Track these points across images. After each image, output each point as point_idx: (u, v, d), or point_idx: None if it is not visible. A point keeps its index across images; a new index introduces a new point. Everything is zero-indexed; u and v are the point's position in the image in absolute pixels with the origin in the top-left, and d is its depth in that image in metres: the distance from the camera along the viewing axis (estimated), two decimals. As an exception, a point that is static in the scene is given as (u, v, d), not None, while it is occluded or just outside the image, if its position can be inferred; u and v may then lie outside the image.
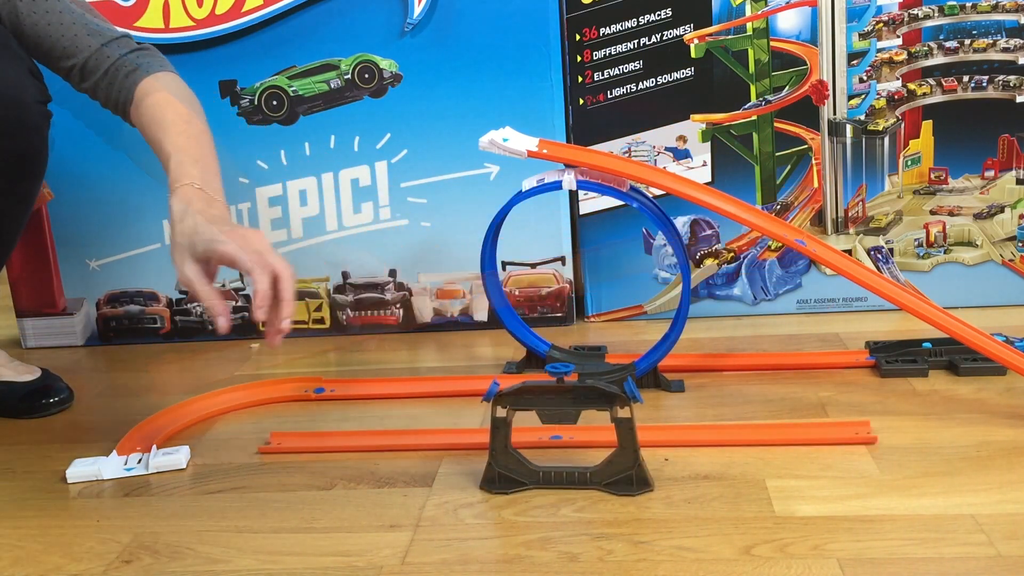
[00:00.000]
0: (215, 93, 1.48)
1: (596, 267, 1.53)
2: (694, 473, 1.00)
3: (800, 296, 1.51)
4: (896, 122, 1.45)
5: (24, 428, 1.26)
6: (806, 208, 1.49)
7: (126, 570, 0.89)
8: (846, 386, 1.22)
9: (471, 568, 0.86)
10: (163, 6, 1.44)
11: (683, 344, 1.28)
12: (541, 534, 0.90)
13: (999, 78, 1.42)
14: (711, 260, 1.51)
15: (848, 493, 0.94)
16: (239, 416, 1.25)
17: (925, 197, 1.48)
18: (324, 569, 0.87)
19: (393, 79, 1.47)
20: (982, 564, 0.82)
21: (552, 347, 1.32)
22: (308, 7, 1.45)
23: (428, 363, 1.42)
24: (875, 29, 1.42)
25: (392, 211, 1.52)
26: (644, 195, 1.24)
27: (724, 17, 1.43)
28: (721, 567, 0.84)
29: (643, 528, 0.90)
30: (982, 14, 1.41)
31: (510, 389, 0.97)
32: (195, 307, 1.57)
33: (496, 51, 1.44)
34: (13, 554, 0.93)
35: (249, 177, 1.51)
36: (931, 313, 1.12)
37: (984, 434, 1.05)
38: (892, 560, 0.83)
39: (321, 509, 0.98)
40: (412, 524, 0.94)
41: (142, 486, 1.06)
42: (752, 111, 1.46)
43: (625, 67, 1.45)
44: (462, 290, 1.54)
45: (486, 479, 0.99)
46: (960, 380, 1.21)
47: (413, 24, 1.44)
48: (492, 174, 1.49)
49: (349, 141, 1.50)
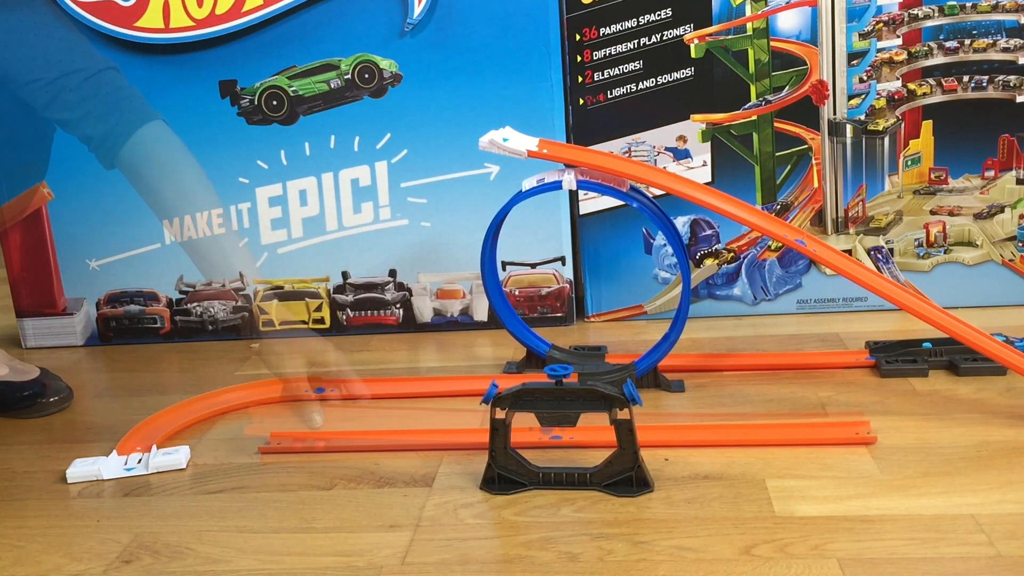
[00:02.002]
0: (215, 93, 1.48)
1: (596, 267, 1.53)
2: (694, 473, 1.00)
3: (800, 296, 1.51)
4: (896, 122, 1.45)
5: (24, 428, 1.26)
6: (806, 208, 1.49)
7: (126, 570, 0.89)
8: (846, 386, 1.22)
9: (471, 568, 0.86)
10: (163, 6, 1.44)
11: (683, 344, 1.28)
12: (541, 534, 0.90)
13: (999, 78, 1.42)
14: (711, 260, 1.51)
15: (848, 493, 0.94)
16: (239, 416, 1.25)
17: (925, 197, 1.48)
18: (324, 569, 0.87)
19: (393, 79, 1.47)
20: (982, 564, 0.82)
21: (552, 347, 1.32)
22: (308, 7, 1.45)
23: (428, 363, 1.42)
24: (875, 29, 1.42)
25: (392, 211, 1.52)
26: (644, 195, 1.24)
27: (724, 17, 1.43)
28: (721, 567, 0.84)
29: (643, 528, 0.90)
30: (982, 14, 1.41)
31: (509, 391, 0.97)
32: (195, 307, 1.57)
33: (496, 51, 1.44)
34: (13, 554, 0.93)
35: (249, 177, 1.51)
36: (931, 313, 1.12)
37: (984, 434, 1.05)
38: (892, 560, 0.83)
39: (321, 509, 0.98)
40: (412, 524, 0.94)
41: (142, 486, 1.06)
42: (752, 111, 1.46)
43: (625, 67, 1.45)
44: (462, 290, 1.54)
45: (486, 480, 0.99)
46: (960, 380, 1.21)
47: (413, 24, 1.44)
48: (492, 174, 1.49)
49: (349, 141, 1.50)
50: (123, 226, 1.54)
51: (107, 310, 1.58)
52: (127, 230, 1.54)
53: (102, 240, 1.55)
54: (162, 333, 1.59)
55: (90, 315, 1.59)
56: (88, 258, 1.57)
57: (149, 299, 1.58)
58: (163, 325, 1.58)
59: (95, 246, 1.56)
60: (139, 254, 1.56)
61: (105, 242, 1.56)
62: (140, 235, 1.54)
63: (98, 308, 1.59)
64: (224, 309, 1.57)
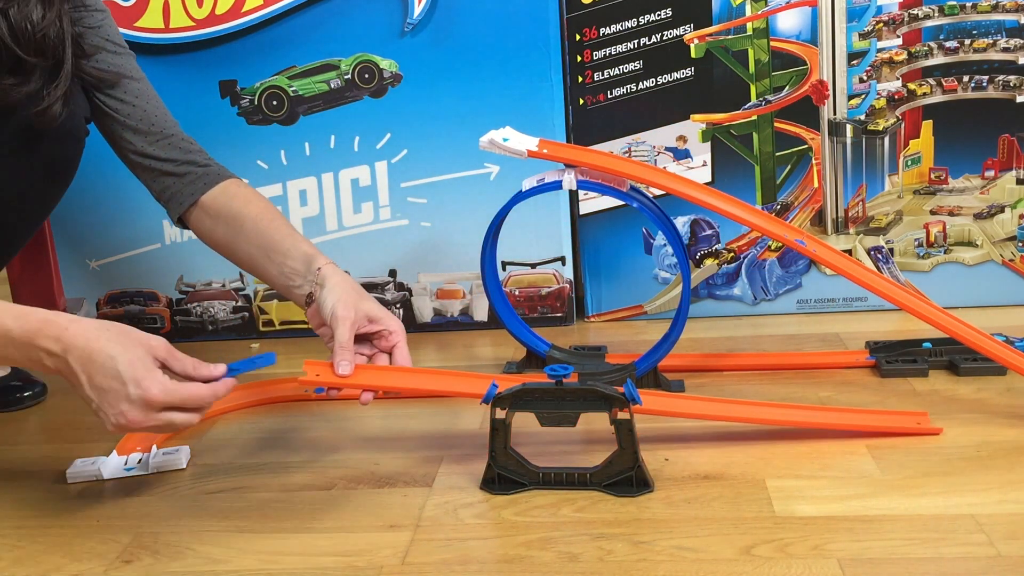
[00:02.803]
0: (215, 93, 1.48)
1: (596, 267, 1.53)
2: (694, 473, 1.00)
3: (800, 296, 1.51)
4: (896, 122, 1.45)
5: (24, 428, 1.26)
6: (806, 208, 1.49)
7: (126, 570, 0.89)
8: (846, 386, 1.22)
9: (471, 568, 0.86)
10: (163, 6, 1.44)
11: (683, 344, 1.28)
12: (541, 534, 0.90)
13: (999, 78, 1.42)
14: (711, 260, 1.52)
15: (848, 493, 0.94)
16: (239, 416, 1.25)
17: (925, 197, 1.48)
18: (324, 569, 0.87)
19: (393, 79, 1.47)
20: (982, 564, 0.82)
21: (552, 347, 1.32)
22: (308, 7, 1.45)
23: (428, 363, 1.42)
24: (875, 29, 1.42)
25: (392, 211, 1.52)
26: (644, 195, 1.24)
27: (724, 17, 1.43)
28: (721, 567, 0.84)
29: (643, 528, 0.90)
30: (982, 14, 1.41)
31: (508, 391, 0.97)
32: (195, 307, 1.57)
33: (496, 51, 1.44)
34: (13, 554, 0.93)
35: (249, 177, 1.51)
36: (931, 313, 1.12)
37: (984, 434, 1.05)
38: (892, 560, 0.83)
39: (321, 509, 0.98)
40: (412, 524, 0.94)
41: (142, 486, 1.06)
42: (752, 111, 1.46)
43: (625, 67, 1.45)
44: (462, 290, 1.54)
45: (486, 480, 0.99)
46: (960, 380, 1.21)
47: (413, 24, 1.44)
48: (492, 174, 1.49)
49: (349, 141, 1.50)
50: (123, 226, 1.54)
51: (107, 310, 1.58)
52: (127, 230, 1.54)
53: (102, 240, 1.55)
54: (162, 333, 1.59)
55: (90, 315, 1.59)
56: (88, 258, 1.57)
57: (149, 299, 1.58)
58: (163, 325, 1.58)
59: (95, 246, 1.56)
60: (139, 254, 1.56)
61: (105, 242, 1.56)
62: (140, 235, 1.54)
63: (98, 308, 1.59)
64: (224, 309, 1.57)
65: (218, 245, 1.15)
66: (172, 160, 1.15)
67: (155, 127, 1.14)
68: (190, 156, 1.15)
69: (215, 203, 1.14)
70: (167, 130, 1.15)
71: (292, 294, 1.09)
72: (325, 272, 1.06)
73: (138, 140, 1.14)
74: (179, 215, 1.15)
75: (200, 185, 1.14)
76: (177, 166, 1.15)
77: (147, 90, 1.16)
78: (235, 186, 1.16)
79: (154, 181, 1.16)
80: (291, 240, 1.10)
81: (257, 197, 1.16)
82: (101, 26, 1.14)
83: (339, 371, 0.99)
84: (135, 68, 1.17)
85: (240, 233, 1.12)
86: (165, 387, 0.90)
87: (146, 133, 1.14)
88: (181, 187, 1.15)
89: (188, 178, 1.15)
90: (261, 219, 1.12)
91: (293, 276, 1.08)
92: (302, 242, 1.10)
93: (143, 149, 1.14)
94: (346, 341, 1.01)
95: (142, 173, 1.16)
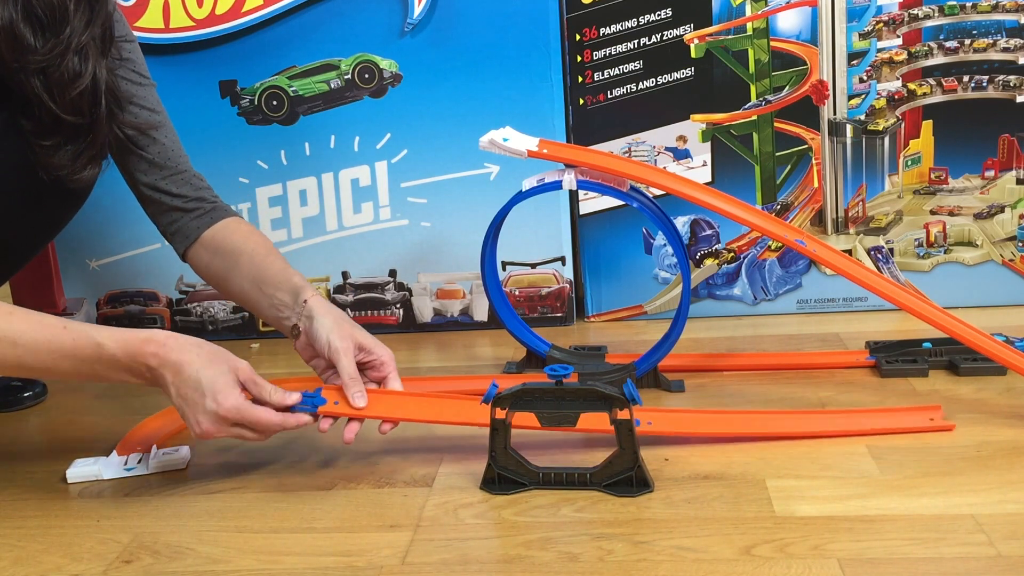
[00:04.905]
0: (215, 93, 1.48)
1: (596, 267, 1.53)
2: (694, 473, 1.00)
3: (800, 296, 1.51)
4: (896, 122, 1.45)
5: (24, 428, 1.26)
6: (806, 208, 1.49)
7: (126, 570, 0.89)
8: (846, 386, 1.22)
9: (471, 568, 0.86)
10: (163, 6, 1.44)
11: (683, 344, 1.28)
12: (541, 534, 0.90)
13: (999, 78, 1.42)
14: (711, 260, 1.52)
15: (848, 493, 0.94)
16: (239, 416, 1.25)
17: (925, 197, 1.48)
18: (324, 569, 0.87)
19: (393, 79, 1.47)
20: (982, 564, 0.82)
21: (552, 347, 1.32)
22: (308, 7, 1.45)
23: (428, 363, 1.42)
24: (875, 29, 1.42)
25: (392, 211, 1.52)
26: (644, 195, 1.24)
27: (724, 17, 1.43)
28: (721, 567, 0.84)
29: (643, 528, 0.90)
30: (982, 14, 1.41)
31: (509, 391, 0.97)
32: (195, 307, 1.57)
33: (496, 51, 1.44)
34: (13, 554, 0.93)
35: (249, 177, 1.51)
36: (931, 313, 1.12)
37: (984, 434, 1.05)
38: (892, 560, 0.83)
39: (321, 509, 0.98)
40: (412, 524, 0.94)
41: (142, 486, 1.06)
42: (752, 111, 1.46)
43: (625, 67, 1.45)
44: (462, 290, 1.54)
45: (486, 480, 0.99)
46: (960, 380, 1.21)
47: (413, 24, 1.44)
48: (492, 174, 1.49)
49: (349, 141, 1.50)
50: (123, 226, 1.54)
51: (107, 310, 1.59)
52: (127, 230, 1.54)
53: (102, 240, 1.55)
54: (162, 333, 1.59)
55: (90, 315, 1.59)
56: (88, 258, 1.57)
57: (149, 299, 1.58)
58: (163, 325, 1.58)
59: (95, 246, 1.56)
60: (139, 254, 1.56)
61: (105, 242, 1.56)
62: (140, 235, 1.54)
63: (98, 308, 1.59)
64: (224, 309, 1.57)
65: (214, 279, 1.16)
66: (183, 196, 1.15)
67: (171, 162, 1.15)
68: (200, 193, 1.16)
69: (215, 238, 1.15)
70: (180, 165, 1.16)
71: (282, 326, 1.11)
72: (312, 304, 1.07)
73: (152, 174, 1.14)
74: (184, 249, 1.16)
75: (206, 220, 1.15)
76: (187, 202, 1.15)
77: (167, 124, 1.16)
78: (235, 223, 1.17)
79: (162, 215, 1.16)
80: (284, 274, 1.11)
81: (255, 233, 1.17)
82: (130, 58, 1.13)
83: (355, 404, 1.02)
84: (156, 101, 1.16)
85: (235, 267, 1.13)
86: (238, 406, 0.96)
87: (161, 167, 1.14)
88: (187, 222, 1.15)
89: (195, 214, 1.15)
90: (256, 254, 1.13)
91: (282, 308, 1.09)
92: (293, 275, 1.11)
93: (156, 184, 1.14)
94: (354, 372, 1.03)
95: (150, 206, 1.17)
